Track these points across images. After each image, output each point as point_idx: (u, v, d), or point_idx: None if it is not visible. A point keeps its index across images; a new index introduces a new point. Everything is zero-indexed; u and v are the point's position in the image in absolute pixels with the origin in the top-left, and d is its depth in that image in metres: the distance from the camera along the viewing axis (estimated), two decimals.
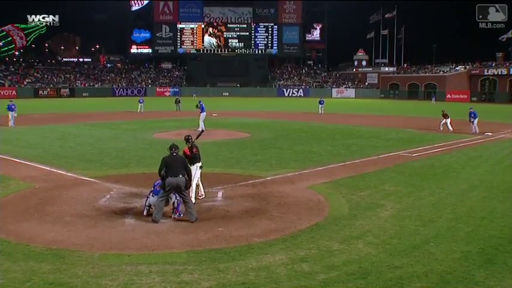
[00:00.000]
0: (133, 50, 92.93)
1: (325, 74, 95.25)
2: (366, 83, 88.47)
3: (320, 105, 40.50)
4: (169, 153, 9.49)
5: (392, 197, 11.29)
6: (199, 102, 27.08)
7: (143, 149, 18.92)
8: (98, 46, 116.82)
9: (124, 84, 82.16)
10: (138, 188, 11.71)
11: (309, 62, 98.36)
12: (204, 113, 25.77)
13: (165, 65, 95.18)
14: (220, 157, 16.93)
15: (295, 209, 10.19)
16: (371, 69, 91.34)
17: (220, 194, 11.43)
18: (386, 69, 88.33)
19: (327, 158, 17.14)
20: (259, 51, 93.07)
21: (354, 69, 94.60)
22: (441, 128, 26.75)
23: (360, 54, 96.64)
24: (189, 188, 9.49)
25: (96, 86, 79.78)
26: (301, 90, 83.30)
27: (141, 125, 28.88)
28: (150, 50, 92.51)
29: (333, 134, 24.89)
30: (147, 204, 9.62)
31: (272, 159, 16.57)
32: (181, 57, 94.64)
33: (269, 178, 13.35)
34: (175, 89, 79.97)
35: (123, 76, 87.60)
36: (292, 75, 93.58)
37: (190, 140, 10.66)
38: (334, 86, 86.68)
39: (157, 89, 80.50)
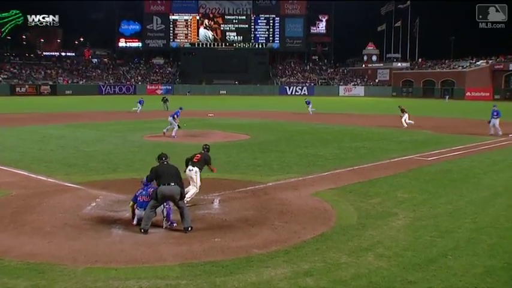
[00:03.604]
0: (122, 43, 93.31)
1: (332, 70, 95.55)
2: (377, 80, 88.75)
3: (308, 105, 39.94)
4: (158, 163, 9.61)
5: (405, 205, 11.29)
6: (180, 108, 25.52)
7: (132, 152, 18.93)
8: (82, 39, 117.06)
9: (111, 81, 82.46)
10: (126, 195, 11.68)
11: (313, 57, 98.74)
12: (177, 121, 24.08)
13: (157, 60, 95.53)
14: (217, 161, 16.81)
15: (298, 217, 10.20)
16: (382, 64, 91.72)
17: (216, 202, 11.45)
18: (399, 64, 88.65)
19: (333, 162, 17.17)
20: (260, 46, 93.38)
21: (363, 65, 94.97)
22: (405, 125, 28.17)
23: (370, 48, 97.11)
24: (184, 198, 9.56)
25: (81, 82, 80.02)
26: (305, 87, 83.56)
27: (130, 126, 28.92)
28: (139, 44, 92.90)
29: (340, 136, 24.93)
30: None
31: (273, 164, 16.61)
32: (174, 51, 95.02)
33: (270, 184, 13.38)
34: (167, 87, 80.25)
35: (111, 72, 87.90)
36: (295, 72, 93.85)
37: (205, 149, 11.77)
38: (341, 83, 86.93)
39: (148, 87, 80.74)
